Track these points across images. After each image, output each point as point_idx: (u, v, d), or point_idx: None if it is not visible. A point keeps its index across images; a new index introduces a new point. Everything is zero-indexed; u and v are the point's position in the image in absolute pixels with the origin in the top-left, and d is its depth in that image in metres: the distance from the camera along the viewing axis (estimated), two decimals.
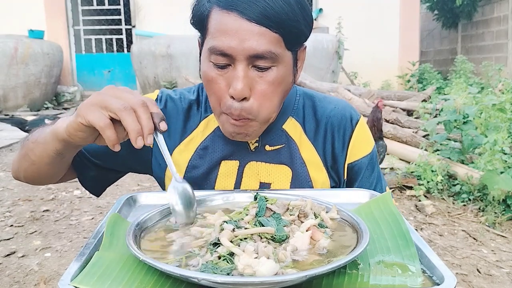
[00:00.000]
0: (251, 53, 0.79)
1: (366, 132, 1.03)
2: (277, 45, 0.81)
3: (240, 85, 0.80)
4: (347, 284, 0.55)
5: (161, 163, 1.00)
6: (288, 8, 0.79)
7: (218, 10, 0.80)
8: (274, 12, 0.78)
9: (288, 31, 0.81)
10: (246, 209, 0.71)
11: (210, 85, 0.85)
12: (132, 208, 0.82)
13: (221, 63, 0.82)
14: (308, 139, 0.99)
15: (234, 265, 0.55)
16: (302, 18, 0.82)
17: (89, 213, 3.11)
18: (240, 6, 0.78)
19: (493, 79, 7.31)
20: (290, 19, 0.80)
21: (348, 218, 0.70)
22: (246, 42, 0.78)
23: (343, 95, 5.18)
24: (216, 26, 0.80)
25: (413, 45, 9.08)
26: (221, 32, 0.79)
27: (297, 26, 0.82)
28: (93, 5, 9.27)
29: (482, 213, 3.04)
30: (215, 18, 0.81)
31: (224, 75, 0.83)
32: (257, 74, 0.82)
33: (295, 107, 1.01)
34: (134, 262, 0.58)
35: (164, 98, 1.01)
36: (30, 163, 0.90)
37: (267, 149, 0.98)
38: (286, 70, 0.85)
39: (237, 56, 0.80)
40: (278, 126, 0.98)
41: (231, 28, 0.78)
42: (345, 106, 1.03)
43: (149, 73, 7.89)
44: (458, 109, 3.46)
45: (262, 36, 0.78)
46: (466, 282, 2.22)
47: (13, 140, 5.15)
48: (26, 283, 2.19)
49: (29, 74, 7.44)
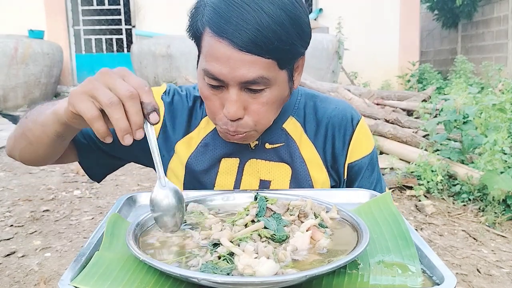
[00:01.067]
0: (242, 80, 0.79)
1: (367, 132, 1.04)
2: (270, 69, 0.80)
3: (233, 108, 0.81)
4: (347, 284, 0.55)
5: (164, 155, 1.00)
6: (281, 31, 0.76)
7: (210, 35, 0.79)
8: (265, 40, 0.75)
9: (282, 55, 0.79)
10: (246, 209, 0.71)
11: (205, 101, 0.87)
12: (132, 208, 0.82)
13: (214, 84, 0.82)
14: (308, 138, 1.00)
15: (234, 265, 0.55)
16: (297, 37, 0.80)
17: (89, 213, 3.11)
18: (231, 34, 0.76)
19: (493, 79, 7.31)
20: (283, 43, 0.77)
21: (348, 218, 0.70)
22: (237, 70, 0.78)
23: (343, 95, 5.18)
24: (208, 50, 0.80)
25: (413, 45, 9.08)
26: (213, 58, 0.79)
27: (291, 48, 0.80)
28: (93, 5, 9.27)
29: (482, 213, 3.04)
30: (208, 41, 0.80)
31: (218, 94, 0.84)
32: (250, 96, 0.82)
33: (296, 107, 1.01)
34: (134, 262, 0.58)
35: (171, 92, 1.03)
36: (27, 142, 0.89)
37: (267, 147, 0.99)
38: (280, 89, 0.85)
39: (229, 82, 0.80)
40: (278, 125, 0.99)
41: (222, 56, 0.77)
42: (346, 107, 1.03)
43: (149, 73, 7.89)
44: (458, 109, 3.46)
45: (253, 64, 0.77)
46: (466, 282, 2.22)
47: None
48: (26, 283, 2.19)
49: (29, 74, 7.44)
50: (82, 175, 3.94)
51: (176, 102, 1.02)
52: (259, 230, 0.64)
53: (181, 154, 0.99)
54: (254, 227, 0.64)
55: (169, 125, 1.00)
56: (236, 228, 0.65)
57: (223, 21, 0.76)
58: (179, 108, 1.01)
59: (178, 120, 1.01)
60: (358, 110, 4.74)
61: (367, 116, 4.59)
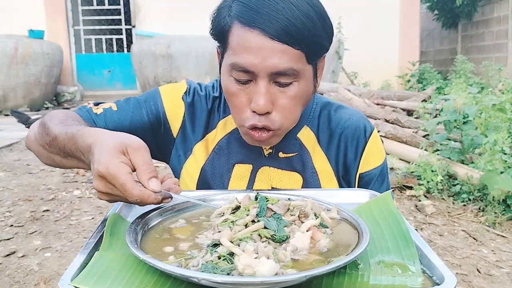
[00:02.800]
0: (273, 70, 0.80)
1: (379, 144, 1.05)
2: (299, 62, 0.81)
3: (262, 100, 0.81)
4: (347, 284, 0.55)
5: (180, 155, 1.02)
6: (309, 23, 0.79)
7: (239, 26, 0.80)
8: (296, 29, 0.78)
9: (310, 47, 0.81)
10: (246, 209, 0.71)
11: (231, 99, 0.87)
12: (132, 208, 0.82)
13: (242, 79, 0.83)
14: (321, 148, 1.01)
15: (234, 265, 0.55)
16: (323, 31, 0.82)
17: (89, 213, 3.11)
18: (262, 23, 0.77)
19: (493, 79, 7.31)
20: (311, 35, 0.80)
21: (348, 218, 0.70)
22: (268, 59, 0.79)
23: (343, 95, 5.18)
24: (238, 42, 0.80)
25: (413, 45, 9.08)
26: (243, 49, 0.80)
27: (319, 41, 0.82)
28: (93, 5, 9.27)
29: (482, 213, 3.04)
30: (237, 34, 0.81)
31: (246, 90, 0.84)
32: (278, 89, 0.83)
33: (311, 116, 1.02)
34: (134, 262, 0.58)
35: (192, 92, 1.03)
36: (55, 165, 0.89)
37: (280, 156, 1.00)
38: (307, 84, 0.86)
39: (259, 73, 0.81)
40: (293, 135, 1.00)
41: (253, 46, 0.79)
42: (359, 118, 1.04)
43: (149, 73, 7.88)
44: (458, 109, 3.46)
45: (284, 53, 0.79)
46: (466, 282, 2.22)
47: (13, 140, 5.14)
48: (26, 283, 2.19)
49: (29, 74, 7.44)
50: (82, 175, 3.94)
51: (196, 103, 1.02)
52: (259, 230, 0.64)
53: (199, 157, 1.00)
54: (254, 227, 0.64)
55: (189, 126, 1.01)
56: (236, 228, 0.65)
57: (253, 12, 0.78)
58: (198, 109, 1.02)
59: (198, 121, 1.01)
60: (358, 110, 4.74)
61: (367, 116, 4.59)
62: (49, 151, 0.86)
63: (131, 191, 0.64)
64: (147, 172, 0.66)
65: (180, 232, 0.69)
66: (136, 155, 0.67)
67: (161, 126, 1.01)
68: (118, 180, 0.64)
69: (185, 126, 1.01)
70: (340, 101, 4.88)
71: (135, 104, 1.00)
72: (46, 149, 0.87)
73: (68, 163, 0.83)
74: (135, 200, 0.65)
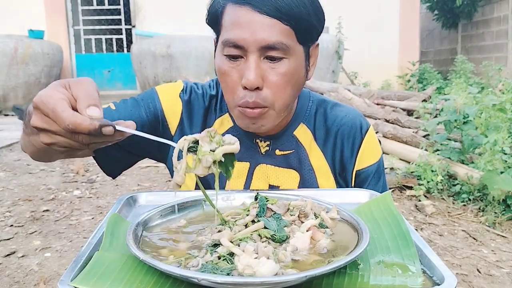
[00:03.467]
0: (262, 44, 0.82)
1: (375, 141, 1.06)
2: (288, 37, 0.84)
3: (252, 75, 0.83)
4: (347, 284, 0.55)
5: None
6: (299, 2, 0.83)
7: (232, 5, 0.84)
8: (285, 5, 0.81)
9: (299, 24, 0.84)
10: (246, 209, 0.71)
11: (223, 78, 0.88)
12: (132, 208, 0.82)
13: (233, 54, 0.84)
14: (317, 146, 1.02)
15: (234, 265, 0.55)
16: (313, 13, 0.86)
17: (89, 213, 3.11)
18: (252, 0, 0.81)
19: (493, 79, 7.31)
20: (301, 12, 0.83)
21: (348, 218, 0.70)
22: (258, 33, 0.82)
23: (343, 95, 5.18)
24: (230, 19, 0.84)
25: (413, 45, 9.08)
26: (234, 25, 0.83)
27: (308, 19, 0.85)
28: (93, 5, 9.27)
29: (482, 213, 3.04)
30: (229, 13, 0.85)
31: (237, 67, 0.86)
32: (269, 66, 0.85)
33: (307, 114, 1.03)
34: (134, 262, 0.58)
35: (189, 90, 1.04)
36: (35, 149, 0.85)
37: (277, 153, 1.00)
38: (298, 63, 0.87)
39: (249, 48, 0.83)
40: (290, 132, 1.01)
41: (243, 21, 0.82)
42: (355, 115, 1.05)
43: (149, 73, 7.88)
44: (458, 109, 3.46)
45: (273, 27, 0.82)
46: (466, 282, 2.22)
47: (13, 140, 5.15)
48: (26, 283, 2.19)
49: (29, 74, 7.44)
50: (82, 175, 3.94)
51: (193, 101, 1.03)
52: (259, 230, 0.63)
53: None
54: (254, 227, 0.64)
55: (187, 123, 1.02)
56: (236, 228, 0.65)
57: None
58: (196, 106, 1.03)
59: (195, 118, 1.02)
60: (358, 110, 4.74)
61: (367, 116, 4.59)
62: (27, 132, 0.83)
63: (61, 114, 0.59)
64: (86, 101, 0.62)
65: (180, 232, 0.69)
66: (77, 87, 0.64)
67: (159, 124, 1.01)
68: (48, 105, 0.60)
69: (182, 124, 1.01)
70: (340, 101, 4.87)
71: (133, 103, 1.00)
72: (26, 133, 0.84)
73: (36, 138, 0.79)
74: (67, 127, 0.60)
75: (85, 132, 0.60)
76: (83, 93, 0.63)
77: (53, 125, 0.62)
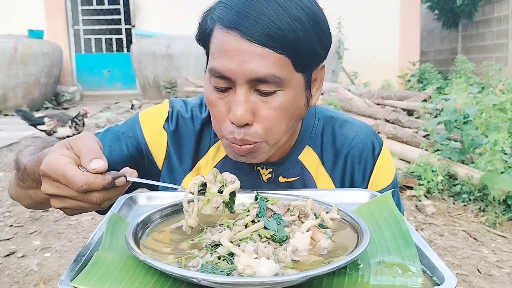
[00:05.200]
0: (251, 76, 0.72)
1: (388, 162, 0.97)
2: (283, 68, 0.73)
3: (240, 110, 0.73)
4: (348, 284, 0.55)
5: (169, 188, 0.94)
6: (297, 26, 0.71)
7: (220, 29, 0.73)
8: (279, 31, 0.70)
9: (297, 52, 0.73)
10: (246, 210, 0.71)
11: (211, 108, 0.80)
12: (132, 208, 0.82)
13: (221, 86, 0.75)
14: (325, 170, 0.94)
15: (234, 265, 0.55)
16: (315, 36, 0.74)
17: (89, 213, 3.11)
18: (241, 24, 0.70)
19: (494, 79, 7.31)
20: (299, 39, 0.72)
21: (348, 218, 0.70)
22: (246, 64, 0.71)
23: (343, 95, 5.18)
24: (217, 45, 0.74)
25: (414, 45, 9.08)
26: (220, 53, 0.73)
27: (309, 46, 0.74)
28: (93, 5, 9.28)
29: (483, 213, 3.04)
30: (217, 37, 0.74)
31: (225, 98, 0.76)
32: (260, 99, 0.75)
33: (313, 134, 0.94)
34: (134, 262, 0.58)
35: (175, 117, 0.94)
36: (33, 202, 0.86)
37: (280, 180, 0.92)
38: (295, 94, 0.77)
39: (236, 79, 0.73)
40: (294, 157, 0.92)
41: (230, 49, 0.72)
42: (367, 134, 0.95)
43: (148, 73, 7.89)
44: (459, 109, 3.45)
45: (265, 58, 0.71)
46: (467, 282, 2.22)
47: (12, 140, 5.15)
48: (25, 283, 2.19)
49: (28, 74, 7.44)
50: None
51: (181, 129, 0.93)
52: (259, 231, 0.63)
53: None
54: (254, 228, 0.64)
55: (175, 157, 0.93)
56: (236, 228, 0.65)
57: (233, 13, 0.72)
58: (185, 135, 0.93)
59: (185, 149, 0.93)
60: (358, 110, 4.74)
61: (367, 116, 4.59)
62: (24, 187, 0.82)
63: (73, 178, 0.60)
64: (89, 155, 0.62)
65: (180, 232, 0.69)
66: (78, 143, 0.64)
67: (144, 158, 0.94)
68: (58, 171, 0.60)
69: (170, 157, 0.93)
70: (341, 101, 4.88)
71: (113, 137, 0.93)
72: (21, 187, 0.84)
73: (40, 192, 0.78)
74: (81, 188, 0.60)
75: (99, 188, 0.61)
76: (85, 149, 0.63)
77: (64, 190, 0.62)
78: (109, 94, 9.34)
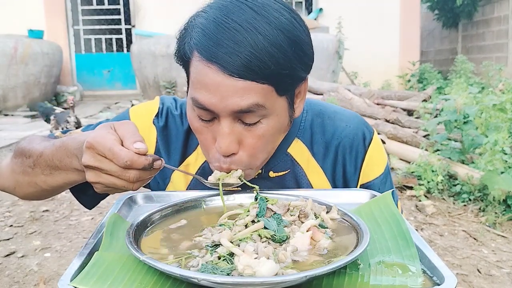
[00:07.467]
0: (235, 109, 0.72)
1: (380, 150, 0.97)
2: (267, 96, 0.72)
3: (225, 143, 0.74)
4: (348, 284, 0.55)
5: (159, 182, 0.96)
6: (278, 54, 0.69)
7: (198, 59, 0.72)
8: (260, 63, 0.68)
9: (279, 79, 0.72)
10: (247, 210, 0.71)
11: (196, 134, 0.81)
12: (132, 208, 0.82)
13: (205, 118, 0.76)
14: (316, 162, 0.93)
15: (234, 265, 0.55)
16: (297, 60, 0.73)
17: (89, 213, 3.11)
18: (221, 58, 0.69)
19: (494, 79, 7.31)
20: (281, 67, 0.70)
21: (348, 218, 0.70)
22: (229, 99, 0.71)
23: (343, 95, 5.18)
24: (197, 77, 0.73)
25: (414, 45, 9.09)
26: (201, 86, 0.72)
27: (291, 72, 0.73)
28: (93, 5, 9.28)
29: (483, 213, 3.04)
30: (196, 67, 0.73)
31: (210, 127, 0.77)
32: (244, 128, 0.75)
33: (302, 127, 0.93)
34: (134, 262, 0.58)
35: (164, 114, 0.95)
36: (38, 189, 0.85)
37: (271, 175, 0.92)
38: (279, 119, 0.77)
39: (220, 113, 0.73)
40: (283, 150, 0.91)
41: (211, 84, 0.71)
42: (357, 124, 0.95)
43: (148, 73, 7.88)
44: (459, 109, 3.46)
45: (247, 90, 0.70)
46: (467, 282, 2.22)
47: (13, 140, 5.15)
48: (25, 283, 2.19)
49: (28, 74, 7.44)
50: None
51: (170, 125, 0.94)
52: (259, 231, 0.63)
53: (178, 185, 0.93)
54: (254, 228, 0.64)
55: (164, 152, 0.94)
56: (236, 228, 0.65)
57: (212, 43, 0.70)
58: (173, 132, 0.94)
59: (174, 145, 0.94)
60: (359, 110, 4.74)
61: (368, 116, 4.59)
62: (33, 174, 0.82)
63: (119, 152, 0.64)
64: (132, 138, 0.66)
65: (180, 232, 0.69)
66: (122, 127, 0.68)
67: None
68: (105, 145, 0.64)
69: (159, 153, 0.93)
70: (341, 101, 4.88)
71: None
72: (28, 174, 0.83)
73: (54, 179, 0.79)
74: (125, 163, 0.64)
75: (140, 167, 0.65)
76: (128, 132, 0.68)
77: (105, 163, 0.65)
78: (109, 94, 9.34)
